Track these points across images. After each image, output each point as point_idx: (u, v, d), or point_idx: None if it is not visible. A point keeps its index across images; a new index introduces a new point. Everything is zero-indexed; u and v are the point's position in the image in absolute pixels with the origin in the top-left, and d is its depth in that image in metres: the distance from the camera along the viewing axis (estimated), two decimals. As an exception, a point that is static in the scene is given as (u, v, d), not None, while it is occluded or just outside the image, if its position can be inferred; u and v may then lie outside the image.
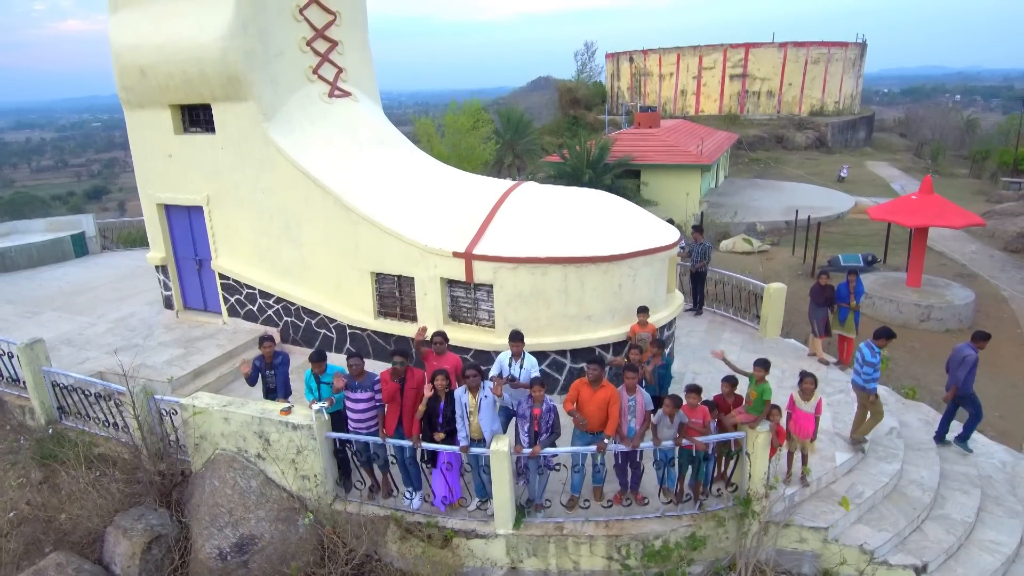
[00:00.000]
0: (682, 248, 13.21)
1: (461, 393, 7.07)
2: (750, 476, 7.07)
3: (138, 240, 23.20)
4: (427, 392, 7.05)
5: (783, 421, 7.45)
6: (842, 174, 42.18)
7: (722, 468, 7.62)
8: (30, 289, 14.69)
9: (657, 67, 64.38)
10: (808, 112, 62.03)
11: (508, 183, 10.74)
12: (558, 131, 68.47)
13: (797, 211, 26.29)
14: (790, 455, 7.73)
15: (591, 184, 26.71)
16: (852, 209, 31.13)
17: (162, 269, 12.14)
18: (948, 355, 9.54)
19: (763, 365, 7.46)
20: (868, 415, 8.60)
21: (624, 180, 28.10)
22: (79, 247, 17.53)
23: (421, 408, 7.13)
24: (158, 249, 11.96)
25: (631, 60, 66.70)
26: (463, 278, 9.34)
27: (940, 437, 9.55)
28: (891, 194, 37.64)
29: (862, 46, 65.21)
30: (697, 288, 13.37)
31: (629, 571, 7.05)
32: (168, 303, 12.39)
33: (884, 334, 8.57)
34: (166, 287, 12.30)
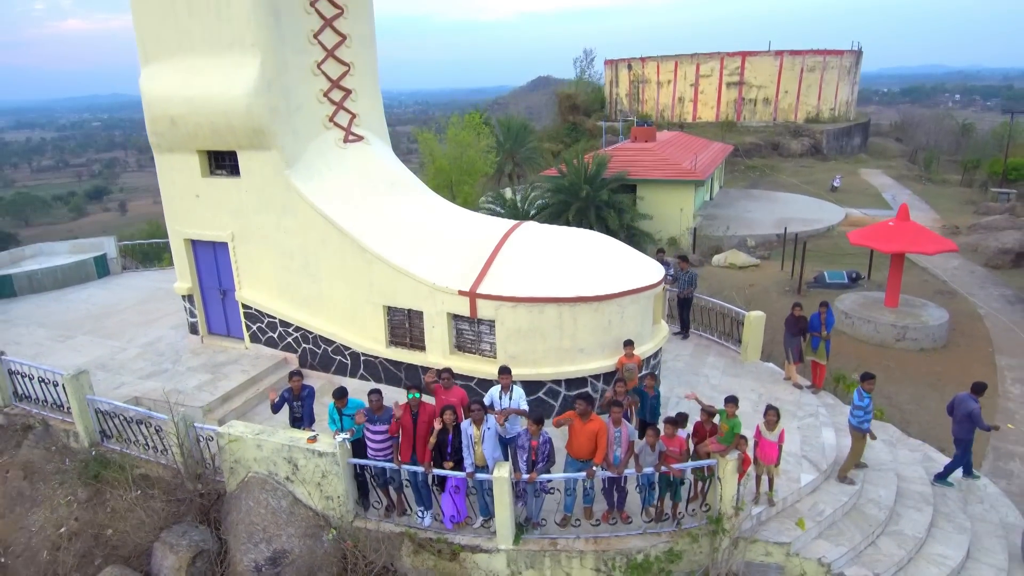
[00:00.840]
0: (669, 276, 14.25)
1: (467, 426, 8.08)
2: (721, 498, 8.07)
3: (154, 257, 24.18)
4: (437, 425, 8.06)
5: (750, 449, 8.44)
6: (835, 184, 43.17)
7: (697, 490, 8.62)
8: (60, 312, 15.69)
9: (655, 74, 65.31)
10: (804, 119, 62.98)
11: (509, 223, 11.73)
12: (557, 137, 69.55)
13: (786, 228, 27.30)
14: (758, 478, 8.73)
15: (588, 199, 27.77)
16: (842, 222, 32.12)
17: (188, 298, 13.13)
18: (924, 377, 10.58)
19: (733, 401, 8.46)
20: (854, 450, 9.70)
21: (620, 195, 28.97)
22: (101, 268, 18.51)
23: (432, 439, 8.14)
24: (184, 280, 12.96)
25: (629, 67, 67.65)
26: (467, 314, 10.35)
27: (964, 474, 10.64)
28: (882, 204, 38.64)
29: (857, 53, 66.13)
30: (684, 313, 14.37)
31: (614, 582, 8.06)
32: (193, 329, 13.40)
33: (868, 377, 9.65)
34: (191, 314, 13.30)
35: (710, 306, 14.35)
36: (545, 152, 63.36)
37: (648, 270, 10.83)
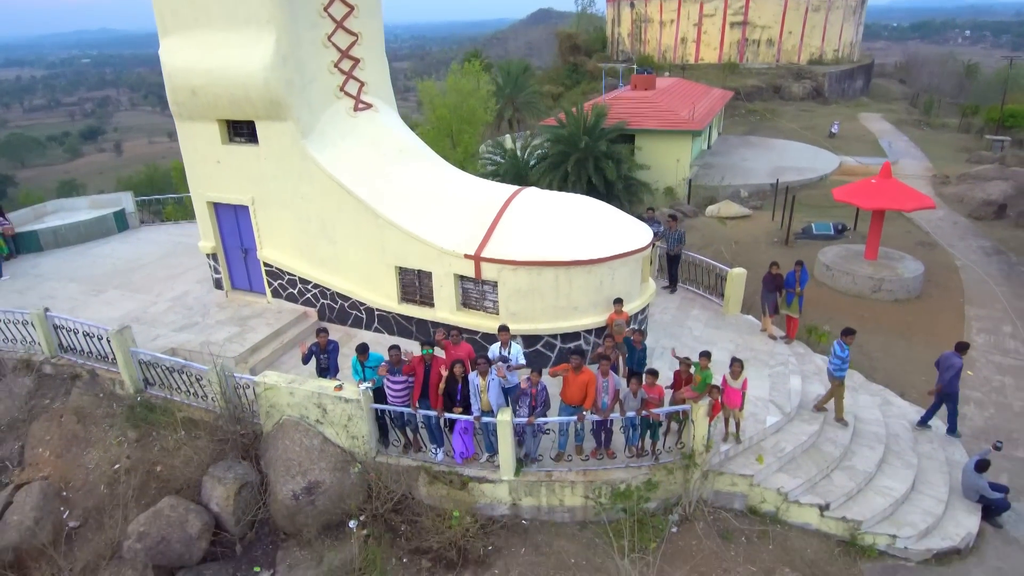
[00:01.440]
0: (658, 233, 15.27)
1: (474, 377, 9.29)
2: (694, 437, 9.34)
3: (171, 215, 25.05)
4: (443, 372, 9.27)
5: (720, 396, 9.67)
6: (833, 130, 43.48)
7: (671, 429, 9.91)
8: (87, 266, 16.75)
9: (658, 14, 64.30)
10: (807, 60, 62.49)
11: (510, 189, 12.67)
12: (558, 79, 68.95)
13: (778, 180, 28.04)
14: (725, 420, 10.00)
15: (587, 150, 28.32)
16: (835, 171, 32.79)
17: (212, 256, 14.18)
18: (896, 327, 11.78)
19: (707, 355, 9.66)
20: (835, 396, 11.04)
21: (619, 145, 29.53)
22: (120, 222, 19.46)
23: (441, 386, 9.36)
24: (208, 239, 13.97)
25: (632, 5, 66.46)
26: (472, 275, 11.44)
27: (924, 422, 11.95)
28: (878, 152, 39.08)
29: (863, -6, 64.89)
30: (672, 269, 15.44)
31: (601, 507, 9.42)
32: (218, 284, 14.50)
33: (849, 332, 10.86)
34: (215, 271, 14.38)
35: (696, 262, 15.40)
36: (545, 96, 63.09)
37: (637, 234, 11.85)
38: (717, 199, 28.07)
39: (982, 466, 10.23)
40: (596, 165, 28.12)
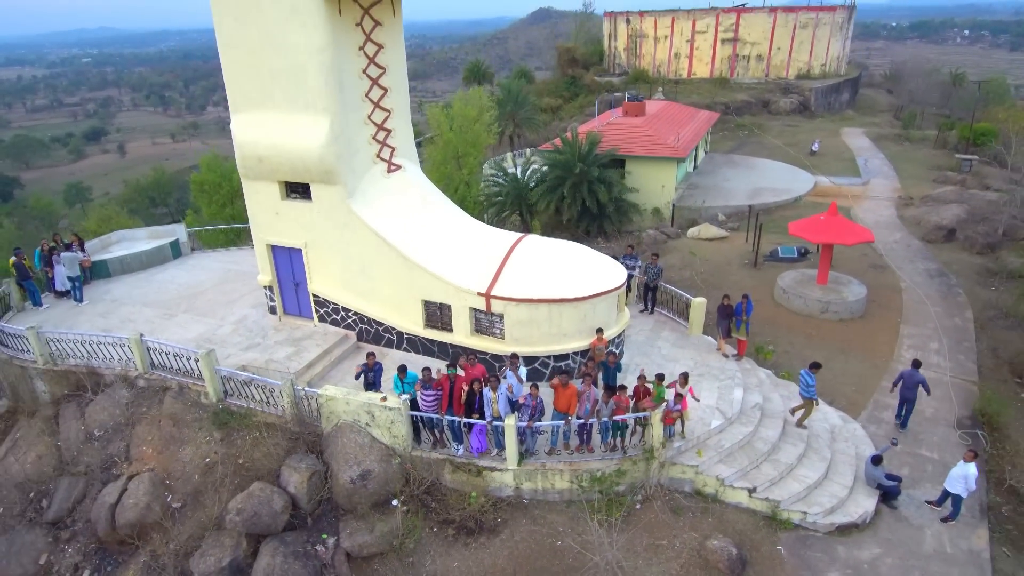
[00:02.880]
0: (639, 267, 18.42)
1: (487, 391, 12.43)
2: (652, 436, 12.47)
3: (217, 242, 28.10)
4: (465, 388, 12.41)
5: (672, 403, 12.79)
6: (814, 148, 46.52)
7: (637, 431, 13.05)
8: (154, 292, 19.87)
9: (652, 29, 67.29)
10: (795, 75, 65.48)
11: (514, 236, 15.81)
12: (557, 91, 71.98)
13: (751, 206, 31.09)
14: (671, 417, 13.13)
15: (581, 175, 31.31)
16: (810, 192, 35.85)
17: (268, 288, 17.30)
18: (837, 344, 14.90)
19: (660, 377, 12.78)
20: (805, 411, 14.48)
21: (610, 170, 32.54)
22: (175, 251, 22.58)
23: (463, 398, 12.50)
24: (266, 274, 17.09)
25: (628, 21, 69.47)
26: (484, 308, 14.56)
27: (904, 425, 15.57)
28: (854, 171, 42.10)
29: (850, 9, 67.89)
30: (650, 296, 18.57)
31: (582, 489, 12.56)
32: (272, 310, 17.62)
33: (816, 365, 14.31)
34: (271, 299, 17.50)
35: (667, 291, 18.53)
36: (545, 109, 66.15)
37: (614, 275, 14.98)
38: (698, 221, 31.17)
39: (877, 460, 13.36)
40: (590, 188, 31.15)
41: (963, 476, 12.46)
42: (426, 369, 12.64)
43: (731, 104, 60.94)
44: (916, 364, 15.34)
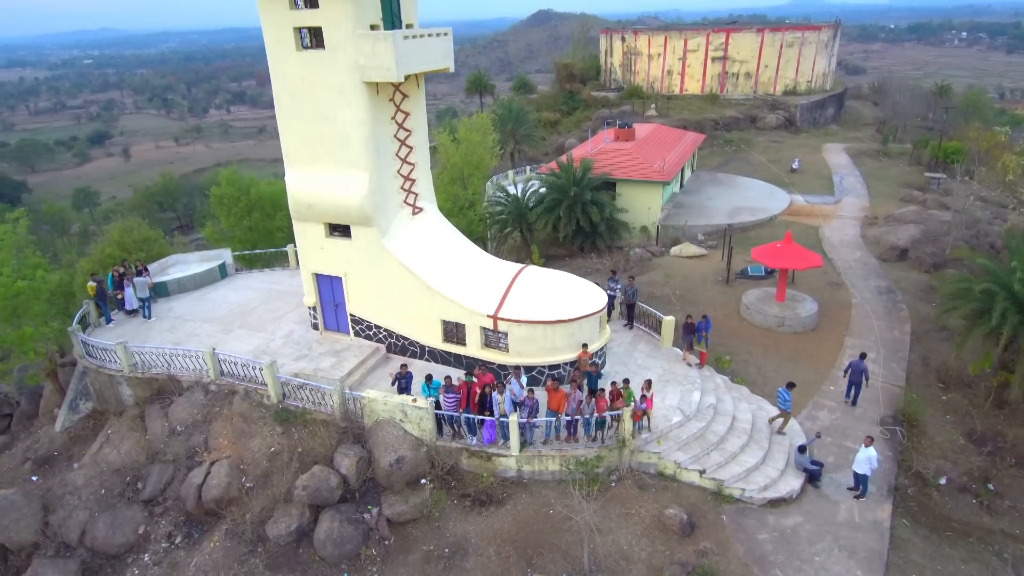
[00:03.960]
0: (620, 289, 22.10)
1: (496, 394, 16.10)
2: (624, 430, 16.13)
3: (258, 263, 31.44)
4: (478, 391, 16.09)
5: (638, 403, 16.44)
6: (794, 166, 50.15)
7: (612, 425, 16.71)
8: (211, 310, 23.52)
9: (646, 48, 70.91)
10: (783, 91, 69.11)
11: (517, 267, 19.46)
12: (555, 105, 75.70)
13: (729, 225, 34.71)
14: (638, 415, 16.78)
15: (576, 197, 34.94)
16: (784, 211, 39.48)
17: (312, 308, 20.95)
18: (789, 353, 18.70)
19: (627, 382, 16.45)
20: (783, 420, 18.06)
21: (602, 192, 36.23)
22: (222, 272, 26.23)
23: (476, 400, 16.17)
24: (311, 296, 20.74)
25: (623, 39, 73.11)
26: (492, 328, 18.22)
27: (854, 403, 19.62)
28: (829, 189, 45.69)
29: (835, 27, 71.47)
30: (630, 313, 22.23)
31: (569, 471, 16.21)
32: (314, 326, 21.28)
33: (791, 384, 17.88)
34: (313, 317, 21.16)
35: (644, 310, 22.19)
36: (544, 123, 69.81)
37: (597, 300, 18.65)
38: (681, 240, 34.83)
39: (803, 449, 17.01)
40: (583, 209, 34.85)
41: (866, 459, 16.11)
42: (447, 378, 16.33)
43: (720, 120, 64.65)
44: (862, 356, 19.75)
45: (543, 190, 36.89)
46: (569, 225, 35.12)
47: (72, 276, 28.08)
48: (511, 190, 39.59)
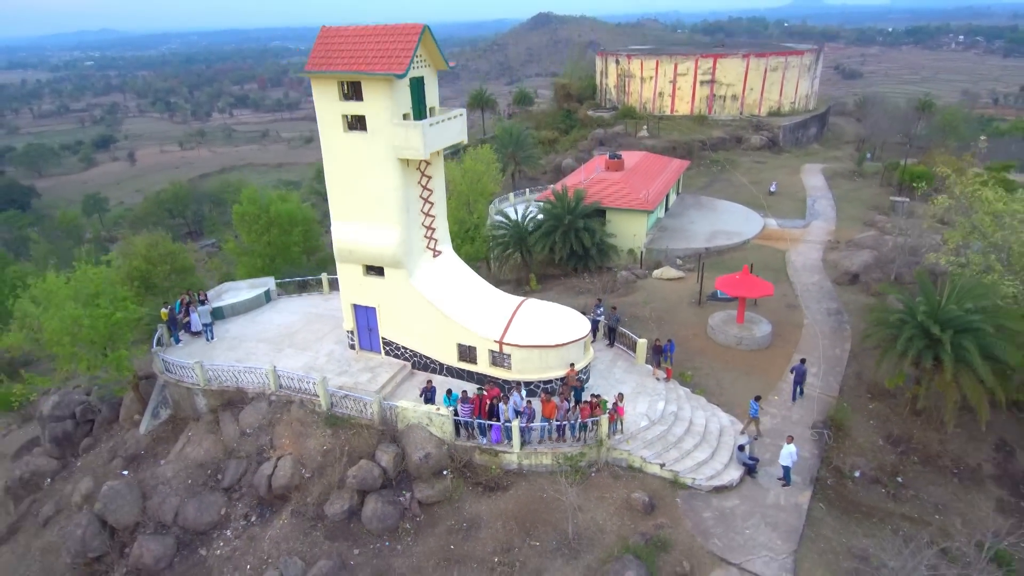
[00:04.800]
0: (604, 315, 26.93)
1: (501, 405, 20.95)
2: (601, 431, 20.96)
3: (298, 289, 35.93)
4: (487, 402, 20.92)
5: (612, 409, 21.25)
6: (772, 189, 54.95)
7: (592, 428, 21.54)
8: (262, 331, 28.32)
9: (639, 71, 75.71)
10: (767, 112, 73.93)
11: (519, 299, 24.27)
12: (553, 123, 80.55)
13: (707, 249, 39.48)
14: (612, 418, 21.59)
15: (570, 224, 39.68)
16: (758, 235, 44.23)
17: (350, 332, 25.77)
18: (744, 368, 23.47)
19: (597, 396, 21.26)
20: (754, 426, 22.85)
21: (593, 219, 40.99)
22: (267, 297, 31.01)
23: (486, 408, 21.01)
24: (349, 322, 25.56)
25: (617, 62, 77.92)
26: (498, 350, 23.05)
27: (801, 395, 24.41)
28: (802, 212, 50.44)
29: (817, 51, 76.27)
30: (611, 335, 27.06)
31: (559, 464, 21.04)
32: (351, 347, 26.10)
33: (758, 397, 22.67)
34: (351, 339, 25.98)
35: (622, 332, 27.02)
36: (543, 141, 74.63)
37: (582, 327, 23.49)
38: (662, 263, 39.63)
39: (741, 448, 21.82)
40: (576, 235, 39.62)
41: (788, 454, 20.90)
42: (464, 392, 21.20)
43: (708, 140, 69.51)
44: (803, 362, 24.83)
45: (541, 216, 41.64)
46: (564, 248, 39.87)
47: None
48: (512, 214, 44.32)
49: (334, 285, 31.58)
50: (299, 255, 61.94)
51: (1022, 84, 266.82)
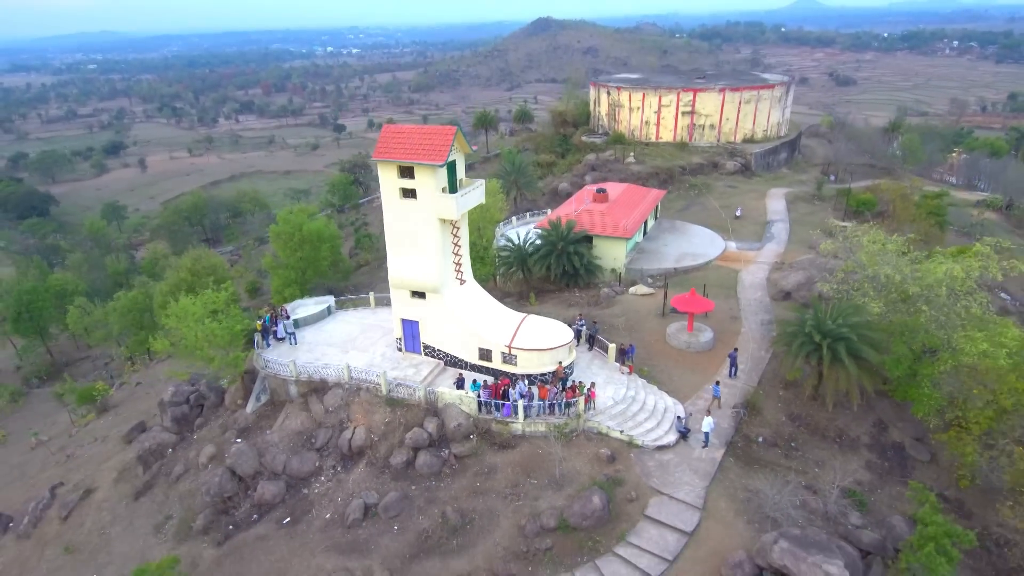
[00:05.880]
0: (585, 325, 37.15)
1: (510, 390, 31.13)
2: (580, 408, 31.08)
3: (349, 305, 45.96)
4: (501, 388, 31.07)
5: (586, 393, 31.37)
6: (737, 213, 65.03)
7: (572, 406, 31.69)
8: (329, 338, 38.43)
9: (627, 101, 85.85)
10: (742, 139, 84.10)
11: (521, 315, 34.42)
12: (550, 147, 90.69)
13: (675, 269, 49.51)
14: (588, 401, 31.70)
15: (563, 252, 49.84)
16: (719, 256, 54.22)
17: (399, 339, 35.89)
18: (691, 366, 33.68)
19: (578, 383, 31.41)
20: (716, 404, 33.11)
21: (582, 244, 51.15)
22: (328, 311, 41.11)
23: (500, 392, 31.17)
24: (398, 331, 35.70)
25: (608, 93, 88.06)
26: (507, 352, 33.23)
27: (734, 375, 34.66)
28: (759, 235, 60.49)
29: (788, 84, 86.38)
30: (591, 340, 37.20)
31: (550, 431, 31.14)
32: (399, 349, 36.23)
33: (718, 383, 32.99)
34: (399, 344, 36.11)
35: (599, 339, 37.16)
36: (542, 164, 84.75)
37: (567, 335, 33.66)
38: (637, 281, 49.73)
39: (679, 420, 31.96)
40: (568, 257, 49.77)
41: (708, 424, 31.02)
42: (484, 381, 31.33)
43: (687, 166, 79.65)
44: (735, 350, 35.06)
45: (539, 241, 51.78)
46: (557, 268, 50.03)
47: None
48: (515, 237, 54.39)
49: (380, 301, 41.81)
50: (326, 269, 72.54)
51: (1011, 92, 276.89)
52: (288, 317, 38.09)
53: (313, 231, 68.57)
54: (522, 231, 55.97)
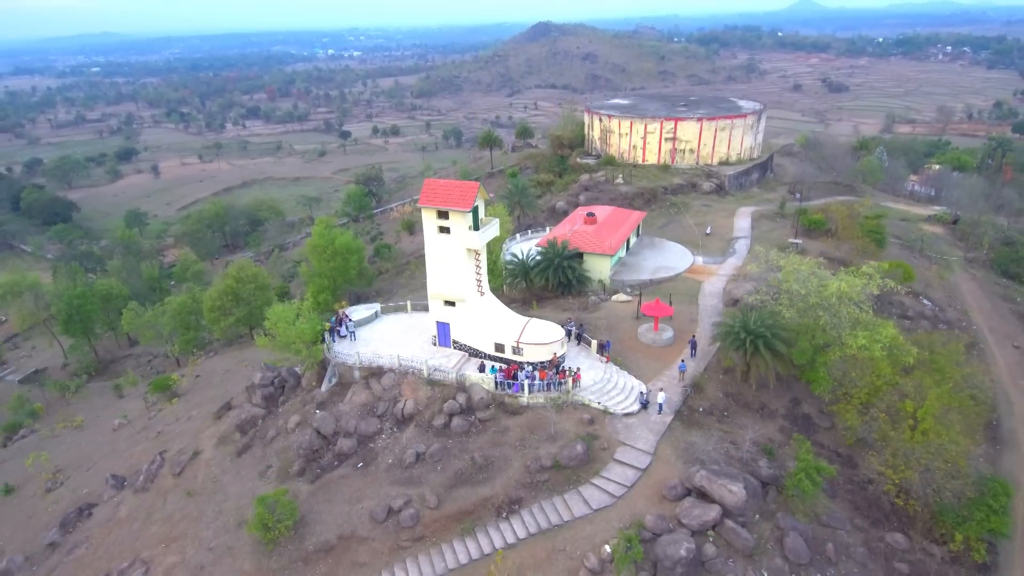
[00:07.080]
0: (574, 326, 50.43)
1: (519, 372, 44.34)
2: (569, 386, 44.22)
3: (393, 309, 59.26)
4: (513, 371, 44.25)
5: (573, 374, 44.54)
6: (707, 231, 78.02)
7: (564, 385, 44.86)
8: (379, 335, 51.61)
9: (617, 128, 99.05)
10: (718, 162, 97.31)
11: (527, 319, 47.60)
12: (549, 167, 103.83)
13: (651, 280, 62.55)
14: (574, 381, 44.84)
15: (559, 266, 63.03)
16: (687, 269, 67.16)
17: (434, 336, 49.03)
18: (656, 357, 46.94)
19: (568, 368, 44.60)
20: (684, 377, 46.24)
21: (574, 259, 64.30)
22: (376, 316, 54.22)
23: (512, 375, 44.36)
24: (433, 331, 48.85)
25: (600, 120, 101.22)
26: (516, 345, 46.42)
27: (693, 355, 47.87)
28: (724, 251, 73.39)
29: (759, 113, 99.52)
30: (579, 338, 50.33)
31: (548, 403, 44.25)
32: (433, 344, 49.39)
33: (684, 361, 46.17)
34: (434, 340, 49.26)
35: (585, 336, 50.31)
36: (541, 182, 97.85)
37: (560, 333, 46.86)
38: (619, 290, 62.77)
39: (642, 396, 45.12)
40: (563, 271, 62.97)
41: (662, 397, 44.18)
42: (500, 366, 44.47)
43: (669, 186, 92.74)
44: (694, 335, 48.13)
45: (539, 257, 64.91)
46: (554, 279, 63.19)
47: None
48: (519, 253, 67.44)
49: (415, 307, 54.94)
50: (355, 277, 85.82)
51: (997, 100, 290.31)
52: (349, 319, 51.20)
53: (343, 244, 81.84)
54: (525, 247, 69.01)
